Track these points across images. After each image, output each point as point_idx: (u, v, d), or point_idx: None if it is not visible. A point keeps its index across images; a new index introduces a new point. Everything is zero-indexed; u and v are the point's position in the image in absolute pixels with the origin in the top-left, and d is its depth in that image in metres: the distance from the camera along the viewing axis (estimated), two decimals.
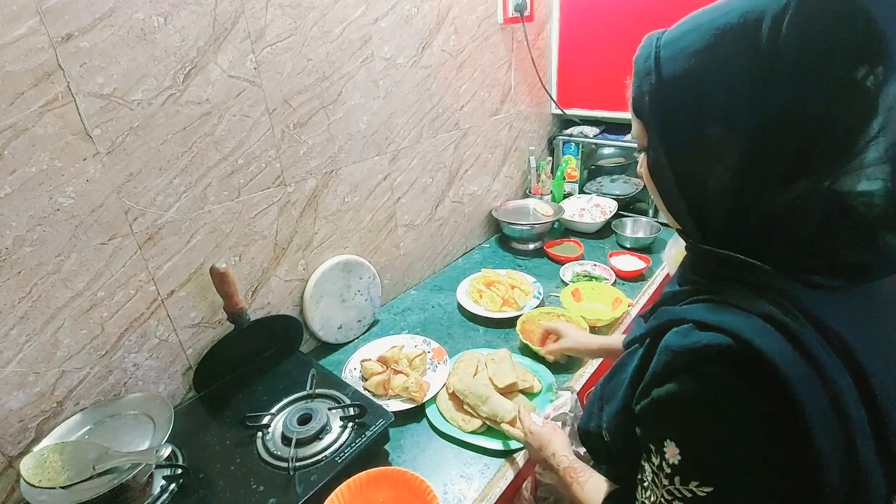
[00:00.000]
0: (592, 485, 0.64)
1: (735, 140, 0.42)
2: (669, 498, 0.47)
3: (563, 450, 0.73)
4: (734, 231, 0.46)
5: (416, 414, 0.95)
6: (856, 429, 0.40)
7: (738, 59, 0.41)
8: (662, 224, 1.64)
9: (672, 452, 0.46)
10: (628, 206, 1.76)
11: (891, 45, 0.36)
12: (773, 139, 0.40)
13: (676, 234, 0.55)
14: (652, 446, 0.49)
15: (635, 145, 0.54)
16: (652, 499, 0.49)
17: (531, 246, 1.63)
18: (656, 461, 0.48)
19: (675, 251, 1.14)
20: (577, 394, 1.01)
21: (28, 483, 0.66)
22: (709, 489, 0.44)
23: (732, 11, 0.42)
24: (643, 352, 0.53)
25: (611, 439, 0.59)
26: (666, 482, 0.47)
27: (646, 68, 0.47)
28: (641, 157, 0.53)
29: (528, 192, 1.87)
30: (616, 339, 0.97)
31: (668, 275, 1.45)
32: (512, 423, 0.87)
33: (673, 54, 0.45)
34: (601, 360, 1.10)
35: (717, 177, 0.44)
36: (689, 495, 0.45)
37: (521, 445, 0.86)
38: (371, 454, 0.83)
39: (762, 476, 0.42)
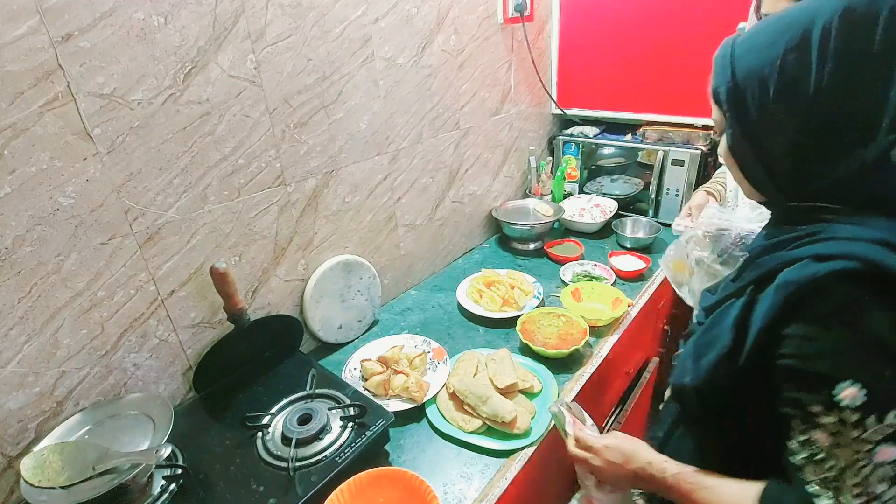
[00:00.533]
0: (728, 486, 0.55)
1: (790, 116, 0.51)
2: (869, 448, 0.43)
3: (657, 455, 0.64)
4: (805, 192, 0.53)
5: (416, 414, 0.95)
6: None
7: (791, 52, 0.50)
8: (662, 224, 1.64)
9: (850, 393, 0.43)
10: (628, 206, 1.76)
11: None
12: (818, 117, 0.49)
13: (676, 240, 0.57)
14: (816, 407, 0.45)
15: (635, 145, 0.58)
16: (840, 465, 0.44)
17: (531, 246, 1.63)
18: (832, 418, 0.44)
19: (674, 256, 1.13)
20: (576, 400, 1.02)
21: (28, 483, 0.66)
22: None
23: (791, 19, 0.52)
24: (745, 300, 0.53)
25: (710, 392, 0.56)
26: (856, 433, 0.43)
27: (722, 64, 0.58)
28: (722, 140, 0.62)
29: (528, 192, 1.87)
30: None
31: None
32: (512, 423, 0.87)
33: (743, 52, 0.56)
34: (601, 360, 1.10)
35: (781, 145, 0.53)
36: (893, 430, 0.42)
37: (522, 446, 0.86)
38: (371, 454, 0.83)
39: None
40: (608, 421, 1.39)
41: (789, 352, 0.48)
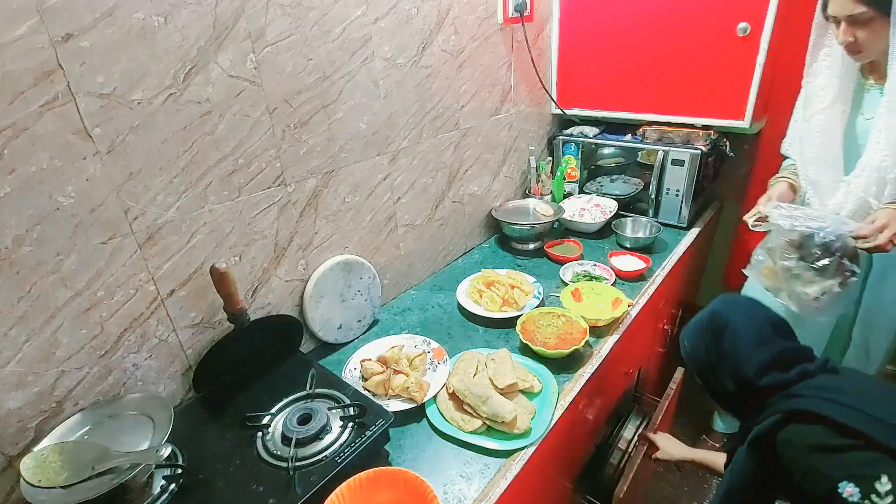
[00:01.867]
0: None
1: (709, 375, 0.88)
2: None
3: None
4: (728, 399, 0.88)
5: (416, 414, 0.95)
6: None
7: (699, 345, 0.90)
8: (662, 224, 1.65)
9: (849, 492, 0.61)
10: (628, 206, 1.76)
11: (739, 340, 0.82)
12: (717, 380, 0.87)
13: (759, 247, 1.04)
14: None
15: (635, 145, 0.60)
16: None
17: (531, 246, 1.63)
18: None
19: (763, 262, 1.11)
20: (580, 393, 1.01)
21: (28, 483, 0.65)
22: None
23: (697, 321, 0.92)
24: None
25: None
26: None
27: (681, 341, 0.97)
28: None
29: (527, 192, 1.87)
30: (711, 456, 1.12)
31: (670, 274, 1.45)
32: (512, 423, 0.87)
33: (683, 338, 0.95)
34: (601, 360, 1.10)
35: (710, 385, 0.89)
36: None
37: (522, 446, 0.87)
38: (371, 454, 0.82)
39: None
40: (633, 434, 1.39)
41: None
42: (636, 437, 1.32)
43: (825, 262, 0.99)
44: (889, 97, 1.00)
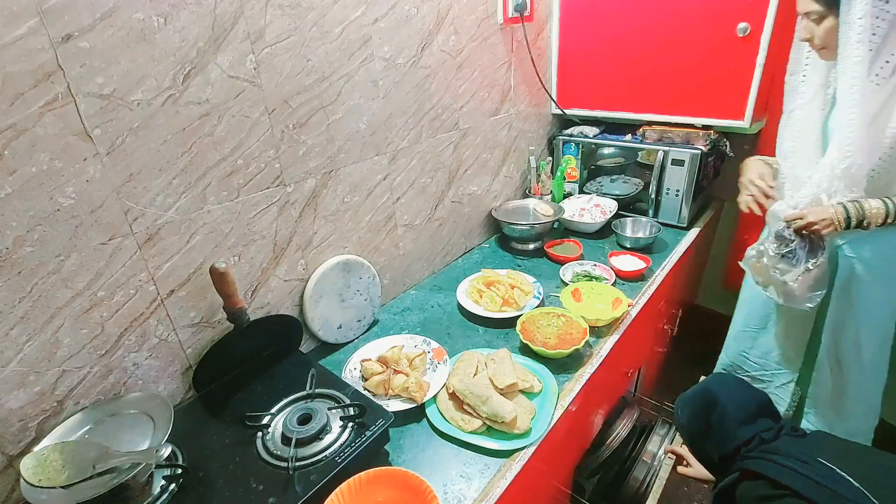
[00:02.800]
0: None
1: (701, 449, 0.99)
2: None
3: None
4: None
5: (416, 414, 0.95)
6: None
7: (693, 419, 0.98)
8: (662, 224, 1.65)
9: None
10: (628, 206, 1.76)
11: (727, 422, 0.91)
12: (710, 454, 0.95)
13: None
14: None
15: (635, 145, 0.60)
16: None
17: (531, 246, 1.63)
18: None
19: (753, 257, 1.15)
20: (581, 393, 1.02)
21: (28, 483, 0.66)
22: None
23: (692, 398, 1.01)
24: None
25: None
26: None
27: (678, 406, 1.02)
28: None
29: (527, 192, 1.87)
30: None
31: (670, 274, 1.45)
32: (512, 423, 0.87)
33: (677, 406, 1.02)
34: (601, 360, 1.10)
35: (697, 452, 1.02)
36: None
37: (522, 446, 0.87)
38: (371, 454, 0.83)
39: None
40: (659, 447, 1.38)
41: None
42: (662, 451, 1.30)
43: (788, 248, 1.06)
44: (839, 95, 1.02)
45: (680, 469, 1.16)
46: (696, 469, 1.11)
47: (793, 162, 1.13)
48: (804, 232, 1.06)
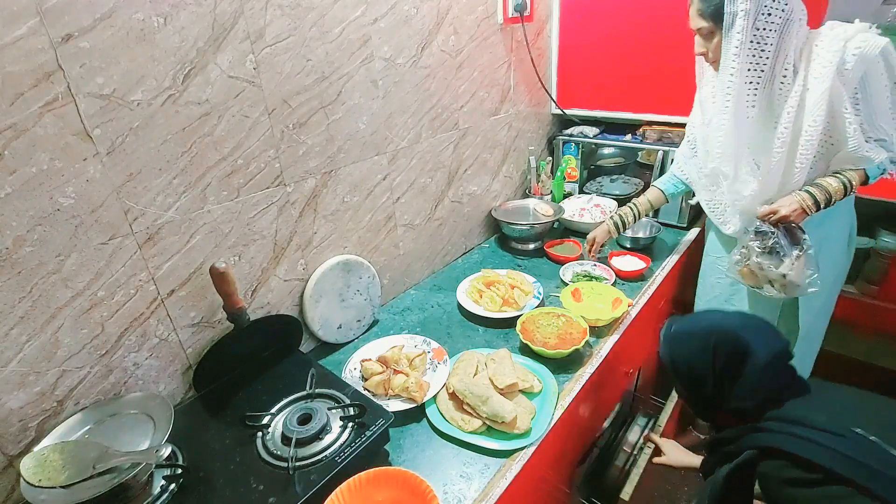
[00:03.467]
0: None
1: (698, 395, 0.88)
2: None
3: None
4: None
5: (416, 414, 0.95)
6: None
7: (696, 358, 0.85)
8: (662, 224, 1.64)
9: None
10: None
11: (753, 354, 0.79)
12: (710, 398, 0.86)
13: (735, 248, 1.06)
14: None
15: (635, 145, 0.62)
16: None
17: (531, 246, 1.63)
18: None
19: (738, 262, 1.18)
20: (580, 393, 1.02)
21: (28, 482, 0.66)
22: None
23: (702, 331, 0.86)
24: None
25: None
26: None
27: (662, 340, 0.91)
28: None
29: (527, 191, 1.87)
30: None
31: (670, 274, 1.45)
32: (512, 423, 0.87)
33: (671, 341, 0.89)
34: (601, 360, 1.10)
35: (694, 399, 0.90)
36: None
37: (522, 446, 0.87)
38: (371, 454, 0.83)
39: None
40: (639, 437, 1.38)
41: None
42: (641, 440, 1.32)
43: (772, 240, 1.10)
44: (716, 101, 1.14)
45: (655, 459, 1.16)
46: (671, 458, 1.12)
47: (719, 162, 1.21)
48: (780, 224, 1.09)
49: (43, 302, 0.75)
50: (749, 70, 1.06)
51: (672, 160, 1.59)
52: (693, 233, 1.66)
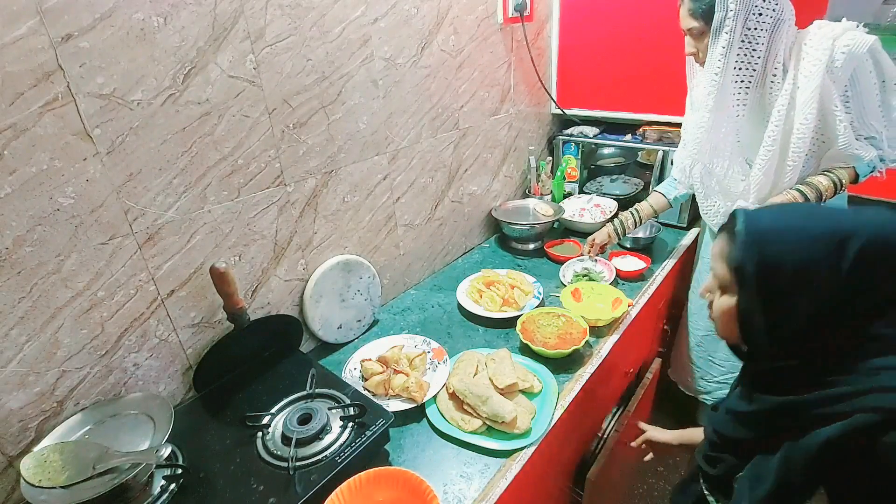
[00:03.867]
0: None
1: (814, 302, 0.58)
2: None
3: None
4: (804, 354, 0.61)
5: (416, 414, 0.95)
6: None
7: (825, 259, 0.57)
8: (662, 224, 1.64)
9: None
10: (628, 206, 1.75)
11: None
12: (839, 308, 0.57)
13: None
14: None
15: (635, 145, 0.59)
16: None
17: (531, 246, 1.63)
18: None
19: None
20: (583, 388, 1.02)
21: (28, 483, 0.66)
22: None
23: (829, 227, 0.58)
24: (784, 455, 0.60)
25: None
26: None
27: (747, 241, 0.62)
28: (718, 303, 0.67)
29: (527, 191, 1.87)
30: (692, 432, 0.99)
31: (670, 274, 1.45)
32: (512, 423, 0.87)
33: (775, 239, 0.60)
34: (601, 360, 1.10)
35: (795, 319, 0.59)
36: None
37: (522, 446, 0.87)
38: (371, 454, 0.83)
39: None
40: (609, 422, 1.40)
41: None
42: (612, 423, 1.32)
43: None
44: (697, 98, 1.14)
45: (651, 436, 1.05)
46: (655, 436, 1.03)
47: (710, 161, 1.23)
48: None
49: (43, 302, 0.74)
50: (739, 70, 1.06)
51: (671, 161, 1.59)
52: (693, 233, 1.66)
